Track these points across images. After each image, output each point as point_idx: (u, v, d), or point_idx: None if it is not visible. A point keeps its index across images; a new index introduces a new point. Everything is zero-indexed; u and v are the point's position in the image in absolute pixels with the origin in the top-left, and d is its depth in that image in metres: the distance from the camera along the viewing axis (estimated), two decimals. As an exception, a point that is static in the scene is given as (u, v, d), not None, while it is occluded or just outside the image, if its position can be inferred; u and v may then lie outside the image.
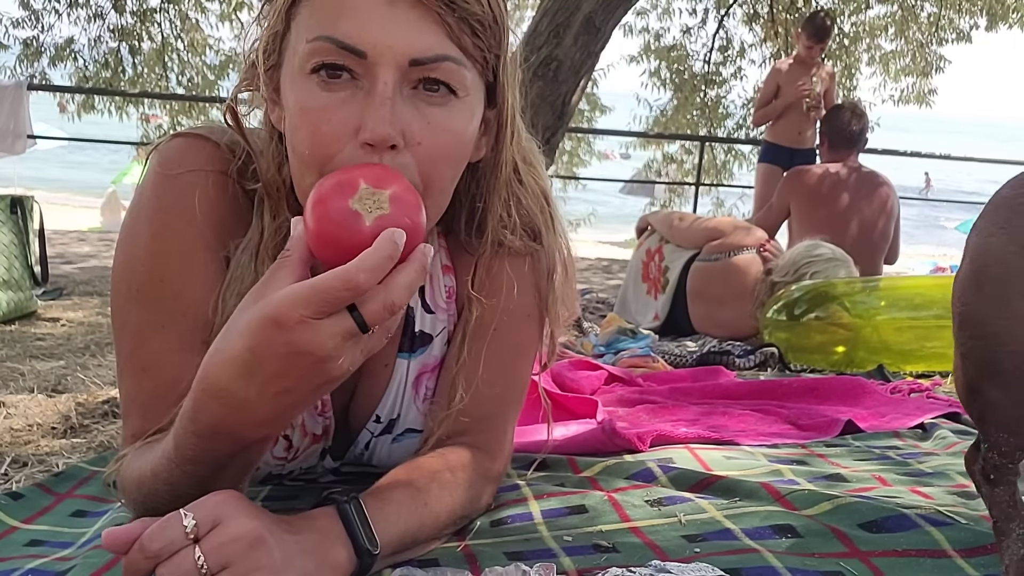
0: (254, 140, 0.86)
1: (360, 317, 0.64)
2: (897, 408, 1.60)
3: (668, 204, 9.08)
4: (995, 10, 7.42)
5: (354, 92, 0.73)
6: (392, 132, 0.72)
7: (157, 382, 0.84)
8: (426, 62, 0.73)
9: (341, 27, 0.72)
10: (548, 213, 0.98)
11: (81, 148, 18.89)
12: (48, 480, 1.17)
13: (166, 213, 0.85)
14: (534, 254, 0.97)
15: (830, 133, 3.65)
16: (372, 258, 0.63)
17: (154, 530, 0.66)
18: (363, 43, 0.72)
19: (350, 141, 0.73)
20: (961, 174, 24.85)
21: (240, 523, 0.67)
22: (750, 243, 2.91)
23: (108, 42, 7.63)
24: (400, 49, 0.72)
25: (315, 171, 0.74)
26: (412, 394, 0.98)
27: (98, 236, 6.31)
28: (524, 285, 0.96)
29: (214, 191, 0.85)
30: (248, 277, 0.84)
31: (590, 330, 2.87)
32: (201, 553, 0.65)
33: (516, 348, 0.96)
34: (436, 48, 0.74)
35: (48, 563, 0.86)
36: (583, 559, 0.82)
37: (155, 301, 0.84)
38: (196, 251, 0.85)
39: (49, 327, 2.71)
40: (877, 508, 0.90)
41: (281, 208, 0.85)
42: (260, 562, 0.66)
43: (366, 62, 0.72)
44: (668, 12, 8.44)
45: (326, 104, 0.73)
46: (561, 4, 3.07)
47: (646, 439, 1.30)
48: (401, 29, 0.72)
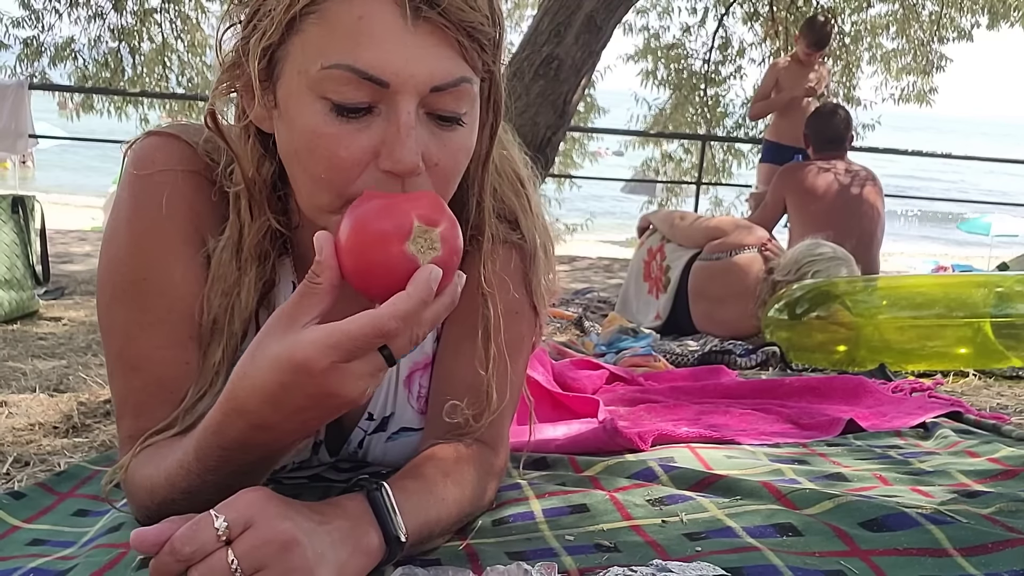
0: (232, 140, 0.85)
1: (389, 353, 0.66)
2: (898, 407, 1.60)
3: (666, 203, 9.08)
4: (997, 8, 7.41)
5: (371, 118, 0.73)
6: (417, 160, 0.72)
7: (147, 380, 0.85)
8: (446, 87, 0.73)
9: (362, 56, 0.70)
10: (525, 197, 0.97)
11: (82, 148, 18.88)
12: (50, 479, 1.17)
13: (143, 213, 0.85)
14: (519, 248, 0.96)
15: (813, 136, 3.65)
16: (407, 304, 0.64)
17: (185, 533, 0.65)
18: (386, 73, 0.70)
19: (369, 164, 0.73)
20: (961, 173, 24.84)
21: (273, 525, 0.66)
22: (751, 242, 2.91)
23: (108, 42, 7.63)
24: (422, 78, 0.71)
25: (332, 193, 0.75)
26: (405, 392, 0.98)
27: (99, 236, 6.29)
28: (516, 280, 0.96)
29: (188, 189, 0.85)
30: (231, 276, 0.85)
31: (591, 329, 2.87)
32: (235, 556, 0.64)
33: (512, 343, 0.96)
34: (455, 71, 0.73)
35: (50, 562, 0.86)
36: (584, 558, 0.82)
37: (139, 300, 0.85)
38: (176, 248, 0.85)
39: (51, 326, 2.71)
40: (878, 507, 0.90)
41: (262, 207, 0.85)
42: (294, 563, 0.66)
43: (387, 91, 0.71)
44: (668, 11, 8.44)
45: (343, 130, 0.72)
46: (562, 3, 3.07)
47: (647, 438, 1.30)
48: (421, 56, 0.71)
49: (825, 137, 3.59)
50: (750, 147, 8.16)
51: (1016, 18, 7.45)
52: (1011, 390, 2.06)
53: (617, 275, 5.09)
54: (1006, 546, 0.81)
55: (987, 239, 13.68)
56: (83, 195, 13.91)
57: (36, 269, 2.92)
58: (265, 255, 0.87)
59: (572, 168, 9.41)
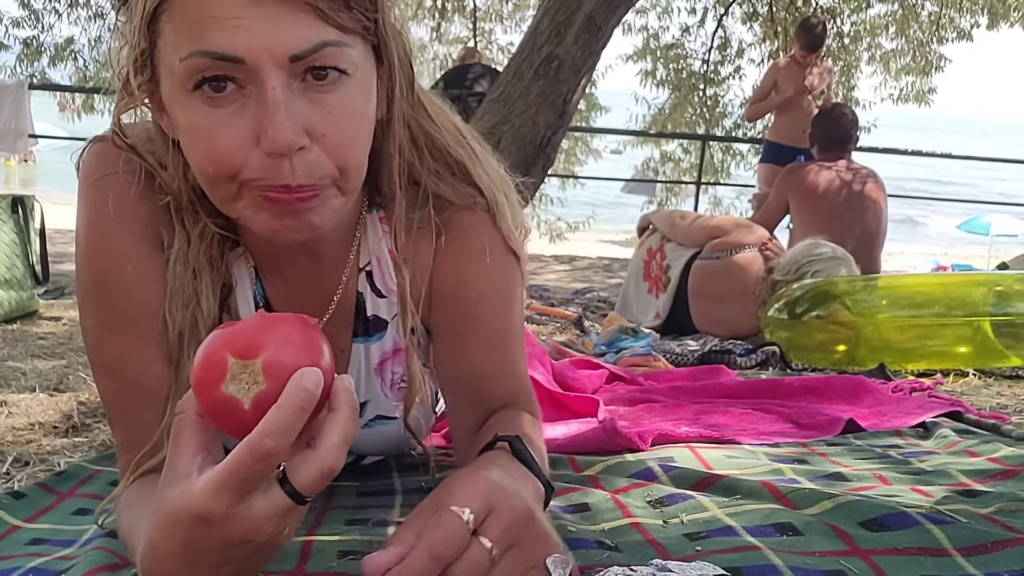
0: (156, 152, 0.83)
1: (293, 489, 0.59)
2: (898, 407, 1.60)
3: (666, 203, 9.09)
4: (996, 9, 7.42)
5: (243, 101, 0.70)
6: (294, 136, 0.69)
7: (124, 382, 0.86)
8: (306, 55, 0.70)
9: (210, 38, 0.68)
10: (468, 147, 0.94)
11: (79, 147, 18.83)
12: (50, 479, 1.17)
13: (94, 218, 0.85)
14: (480, 205, 0.93)
15: (820, 135, 3.64)
16: (276, 419, 0.57)
17: (439, 536, 0.64)
18: (238, 49, 0.68)
19: (252, 150, 0.71)
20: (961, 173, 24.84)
21: (511, 503, 0.68)
22: (751, 241, 2.91)
23: (108, 42, 7.61)
24: (277, 48, 0.69)
25: (223, 183, 0.73)
26: (377, 380, 0.98)
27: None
28: (493, 241, 0.93)
29: (133, 190, 0.84)
30: (188, 287, 0.84)
31: (591, 329, 2.87)
32: (491, 543, 0.66)
33: (508, 298, 0.95)
34: (313, 37, 0.70)
35: (49, 562, 0.86)
36: (585, 554, 0.82)
37: (102, 303, 0.86)
38: (127, 249, 0.85)
39: (51, 326, 2.71)
40: (878, 506, 0.90)
41: (198, 213, 0.84)
42: (536, 530, 0.69)
43: (246, 67, 0.69)
44: (667, 11, 8.45)
45: (217, 119, 0.70)
46: (562, 3, 3.07)
47: (647, 438, 1.30)
48: (272, 26, 0.68)
49: (832, 137, 3.59)
50: (749, 147, 8.17)
51: (1016, 18, 7.45)
52: (1011, 390, 2.07)
53: (617, 275, 5.09)
54: (1006, 546, 0.81)
55: (987, 239, 13.69)
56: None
57: (36, 269, 2.92)
58: (215, 260, 0.86)
59: (576, 166, 9.42)
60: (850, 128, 3.63)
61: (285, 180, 0.71)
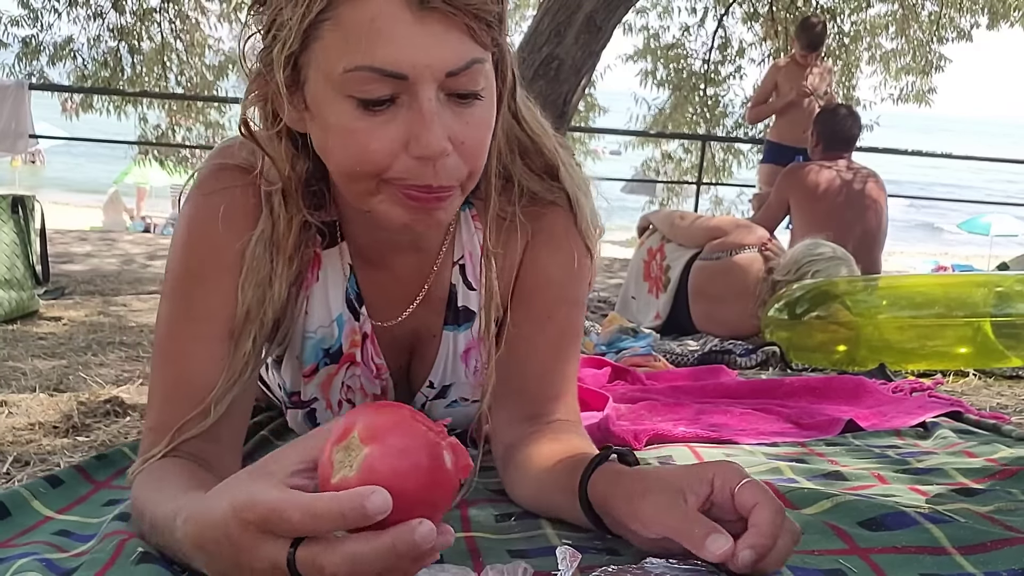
0: (264, 143, 0.89)
1: (292, 556, 0.61)
2: (898, 407, 1.61)
3: (666, 203, 9.09)
4: (996, 8, 7.42)
5: (395, 110, 0.78)
6: (444, 144, 0.78)
7: (178, 372, 0.91)
8: (460, 71, 0.77)
9: (379, 55, 0.75)
10: (556, 148, 1.01)
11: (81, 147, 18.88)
12: (88, 463, 1.16)
13: (203, 218, 0.92)
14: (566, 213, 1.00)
15: (825, 134, 3.64)
16: (319, 506, 0.60)
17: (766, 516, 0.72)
18: (403, 67, 0.76)
19: (400, 153, 0.78)
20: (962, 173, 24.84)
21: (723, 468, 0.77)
22: (751, 242, 2.91)
23: (107, 41, 7.63)
24: (437, 65, 0.76)
25: (365, 179, 0.81)
26: (462, 367, 1.07)
27: (99, 235, 6.30)
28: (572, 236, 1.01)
29: (246, 207, 0.91)
30: (264, 268, 0.90)
31: (591, 329, 2.87)
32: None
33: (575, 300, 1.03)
34: (466, 55, 0.78)
35: (63, 559, 0.84)
36: (585, 558, 0.82)
37: (187, 294, 0.92)
38: (228, 254, 0.91)
39: (51, 326, 2.71)
40: (877, 506, 0.90)
41: (298, 204, 0.90)
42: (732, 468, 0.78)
43: (407, 83, 0.76)
44: (668, 11, 8.45)
45: (371, 125, 0.78)
46: (562, 3, 3.08)
47: (642, 438, 1.30)
48: (434, 45, 0.76)
49: (837, 137, 3.59)
50: (750, 147, 8.16)
51: (1016, 18, 7.45)
52: (1011, 390, 2.07)
53: (617, 275, 5.09)
54: (1005, 545, 0.81)
55: (987, 239, 13.69)
56: (84, 195, 13.97)
57: (36, 269, 2.92)
58: (297, 248, 0.93)
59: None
60: (855, 128, 3.63)
61: (428, 181, 0.80)
